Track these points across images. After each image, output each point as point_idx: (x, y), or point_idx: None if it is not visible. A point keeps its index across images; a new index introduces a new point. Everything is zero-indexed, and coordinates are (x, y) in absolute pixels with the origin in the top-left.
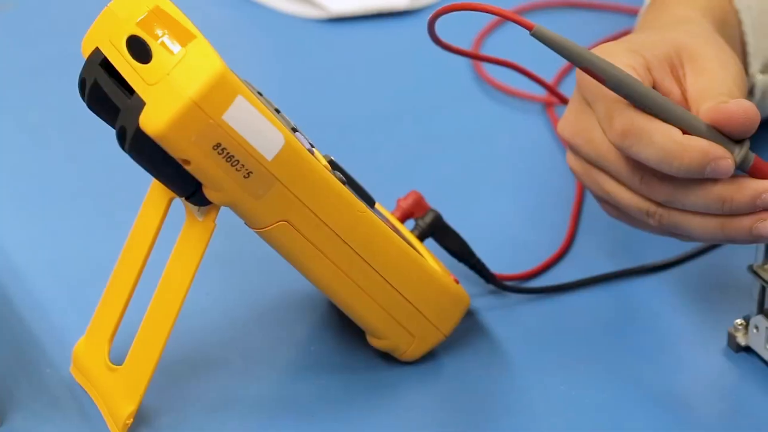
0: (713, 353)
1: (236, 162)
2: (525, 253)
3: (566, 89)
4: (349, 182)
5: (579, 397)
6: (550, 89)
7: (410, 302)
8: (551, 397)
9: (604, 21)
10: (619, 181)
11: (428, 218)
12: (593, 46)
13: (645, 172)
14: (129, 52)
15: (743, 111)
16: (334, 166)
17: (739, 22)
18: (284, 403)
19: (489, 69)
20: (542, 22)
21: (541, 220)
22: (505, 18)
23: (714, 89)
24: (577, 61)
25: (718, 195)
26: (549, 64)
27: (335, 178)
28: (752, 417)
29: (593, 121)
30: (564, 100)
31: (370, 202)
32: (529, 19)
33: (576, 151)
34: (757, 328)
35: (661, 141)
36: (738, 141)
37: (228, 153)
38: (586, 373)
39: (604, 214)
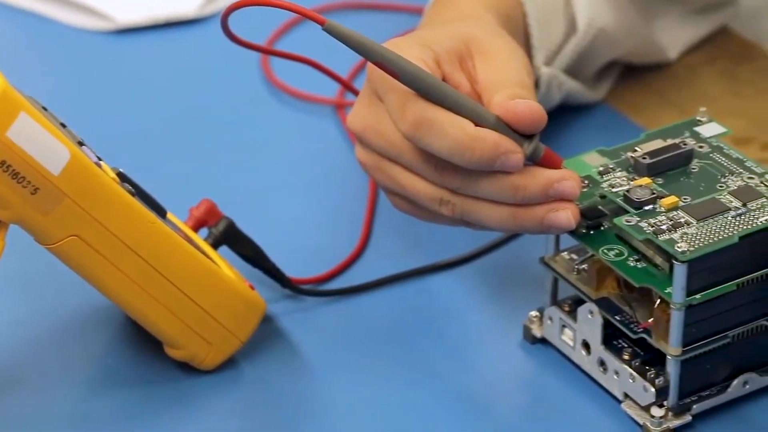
0: (510, 346)
1: (22, 179)
2: (321, 256)
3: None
4: (139, 193)
5: (381, 396)
6: (346, 84)
7: (204, 310)
8: (353, 398)
9: (395, 21)
10: (412, 171)
11: (221, 226)
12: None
13: (439, 159)
14: None
15: (530, 111)
16: (123, 178)
17: (524, 15)
18: (84, 420)
19: (280, 74)
20: None
21: (337, 221)
22: (298, 13)
23: (505, 79)
24: (370, 55)
25: (512, 183)
26: (340, 65)
27: (124, 190)
28: (550, 406)
29: (384, 114)
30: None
31: (161, 212)
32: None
33: (366, 144)
34: (551, 319)
35: (453, 133)
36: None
37: (13, 170)
38: (387, 372)
39: (398, 212)
